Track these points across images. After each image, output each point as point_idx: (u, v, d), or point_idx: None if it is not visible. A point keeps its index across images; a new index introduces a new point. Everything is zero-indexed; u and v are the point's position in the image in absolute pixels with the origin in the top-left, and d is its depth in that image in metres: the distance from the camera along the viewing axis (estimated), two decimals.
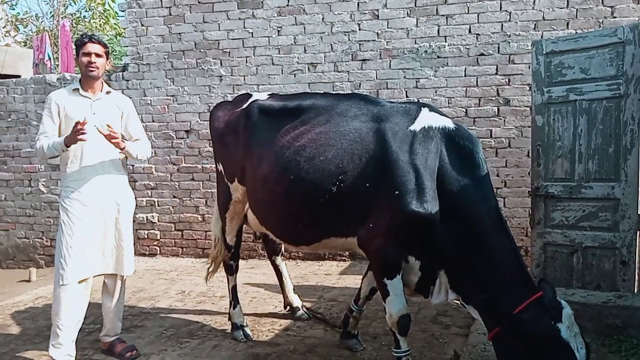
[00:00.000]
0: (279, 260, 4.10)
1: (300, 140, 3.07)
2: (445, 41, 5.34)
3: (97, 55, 3.30)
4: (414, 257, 2.79)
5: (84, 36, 3.37)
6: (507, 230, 2.66)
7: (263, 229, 3.55)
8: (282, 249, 4.13)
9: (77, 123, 3.07)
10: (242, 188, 3.51)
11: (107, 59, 3.41)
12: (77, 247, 3.22)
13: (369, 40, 5.56)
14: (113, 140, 3.20)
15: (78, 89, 3.35)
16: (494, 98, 5.27)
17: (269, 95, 3.66)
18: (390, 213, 2.72)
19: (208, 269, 4.01)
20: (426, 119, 2.84)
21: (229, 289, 3.86)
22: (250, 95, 3.65)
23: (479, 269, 2.60)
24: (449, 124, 2.83)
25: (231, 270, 3.84)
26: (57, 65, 8.93)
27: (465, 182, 2.67)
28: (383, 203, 2.75)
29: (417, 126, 2.81)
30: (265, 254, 4.41)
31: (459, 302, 2.82)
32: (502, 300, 2.48)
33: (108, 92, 3.46)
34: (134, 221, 3.65)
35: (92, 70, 3.30)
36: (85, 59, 3.29)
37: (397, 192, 2.67)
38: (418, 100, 5.38)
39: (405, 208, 2.64)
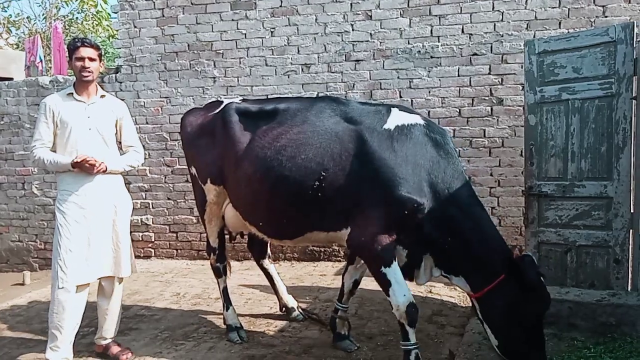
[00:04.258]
0: (266, 263, 4.11)
1: (280, 141, 3.20)
2: (439, 41, 5.36)
3: (91, 59, 3.30)
4: (402, 247, 2.97)
5: (77, 40, 3.35)
6: (482, 205, 3.04)
7: (242, 227, 3.65)
8: (269, 251, 4.13)
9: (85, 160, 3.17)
10: (215, 189, 3.57)
11: (101, 62, 3.40)
12: (77, 250, 3.21)
13: (362, 41, 5.56)
14: (94, 170, 3.23)
15: (72, 93, 3.35)
16: (487, 98, 5.29)
17: (241, 99, 3.79)
18: (383, 207, 2.88)
19: None
20: (398, 118, 3.07)
21: (220, 292, 3.87)
22: (222, 102, 3.72)
23: (472, 240, 2.86)
24: (419, 120, 3.08)
25: (219, 273, 3.85)
26: (50, 67, 8.90)
27: (445, 170, 2.94)
28: (372, 198, 2.91)
29: (391, 125, 3.03)
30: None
31: (442, 276, 3.03)
32: (497, 260, 2.79)
33: (102, 96, 3.45)
34: None
35: (86, 75, 3.30)
36: (78, 64, 3.28)
37: (388, 188, 2.86)
38: (411, 101, 5.40)
39: (400, 201, 2.83)
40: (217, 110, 3.62)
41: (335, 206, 3.02)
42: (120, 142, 3.53)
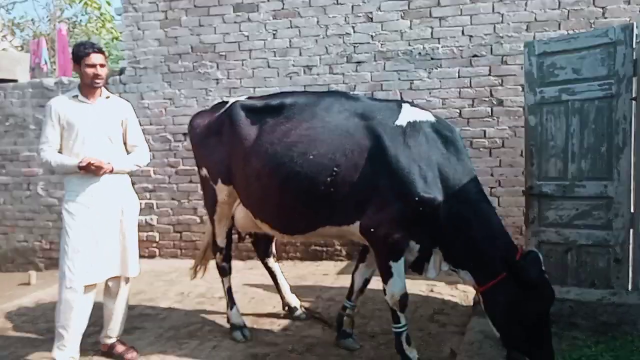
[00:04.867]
0: (271, 262, 4.14)
1: (290, 136, 3.20)
2: (439, 43, 5.38)
3: (101, 65, 3.33)
4: (415, 241, 3.03)
5: (86, 46, 3.33)
6: (489, 201, 3.11)
7: (252, 227, 3.68)
8: (274, 250, 4.17)
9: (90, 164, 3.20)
10: (226, 188, 3.58)
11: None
12: (84, 250, 3.24)
13: (363, 43, 5.59)
14: (100, 172, 3.27)
15: (78, 95, 3.37)
16: (487, 99, 5.31)
17: (247, 97, 3.79)
18: (397, 202, 2.93)
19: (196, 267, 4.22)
20: (409, 114, 3.11)
21: (224, 291, 3.90)
22: (227, 102, 3.72)
23: (479, 237, 2.93)
24: (430, 117, 3.13)
25: (225, 272, 3.88)
26: (54, 69, 8.96)
27: (456, 167, 3.00)
28: (388, 193, 2.95)
29: (402, 121, 3.07)
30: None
31: (450, 270, 3.10)
32: (502, 255, 2.84)
33: (108, 97, 3.48)
34: None
35: (98, 83, 3.34)
36: (90, 71, 3.28)
37: (402, 183, 2.91)
38: (412, 102, 5.42)
39: (414, 196, 2.88)
40: (224, 109, 3.64)
41: (348, 201, 3.06)
42: (125, 142, 3.55)
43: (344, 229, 3.18)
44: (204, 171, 3.76)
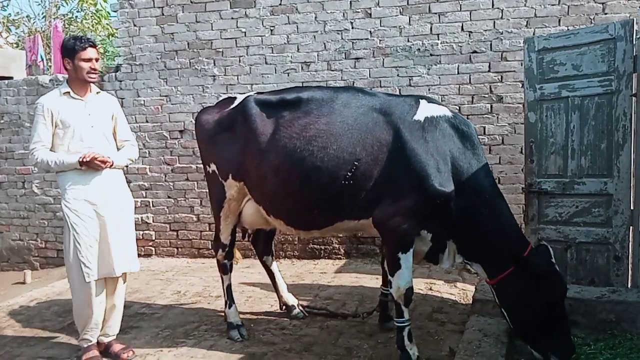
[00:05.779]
0: (270, 260, 4.11)
1: (309, 131, 3.21)
2: (438, 39, 5.36)
3: (96, 59, 3.33)
4: (426, 231, 3.09)
5: (82, 41, 3.31)
6: (503, 196, 3.16)
7: (261, 224, 3.67)
8: (273, 248, 4.14)
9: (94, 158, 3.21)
10: (236, 185, 3.53)
11: None
12: (95, 245, 3.25)
13: (361, 39, 5.56)
14: (104, 165, 3.28)
15: (69, 92, 3.34)
16: (487, 95, 5.29)
17: (256, 93, 3.73)
18: (413, 195, 2.98)
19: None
20: (427, 110, 3.15)
21: (223, 289, 3.87)
22: (235, 98, 3.68)
23: (490, 230, 3.01)
24: (447, 112, 3.18)
25: (226, 270, 3.85)
26: (50, 66, 8.90)
27: (471, 161, 3.06)
28: (404, 187, 3.00)
29: (420, 116, 3.11)
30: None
31: (464, 262, 3.19)
32: (512, 249, 2.95)
33: (98, 93, 3.47)
34: None
35: (94, 77, 3.33)
36: (86, 65, 3.28)
37: (419, 177, 2.96)
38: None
39: (430, 190, 2.94)
40: (235, 105, 3.58)
41: (367, 195, 3.08)
42: (115, 138, 3.54)
43: (362, 222, 3.21)
44: (212, 167, 3.69)
